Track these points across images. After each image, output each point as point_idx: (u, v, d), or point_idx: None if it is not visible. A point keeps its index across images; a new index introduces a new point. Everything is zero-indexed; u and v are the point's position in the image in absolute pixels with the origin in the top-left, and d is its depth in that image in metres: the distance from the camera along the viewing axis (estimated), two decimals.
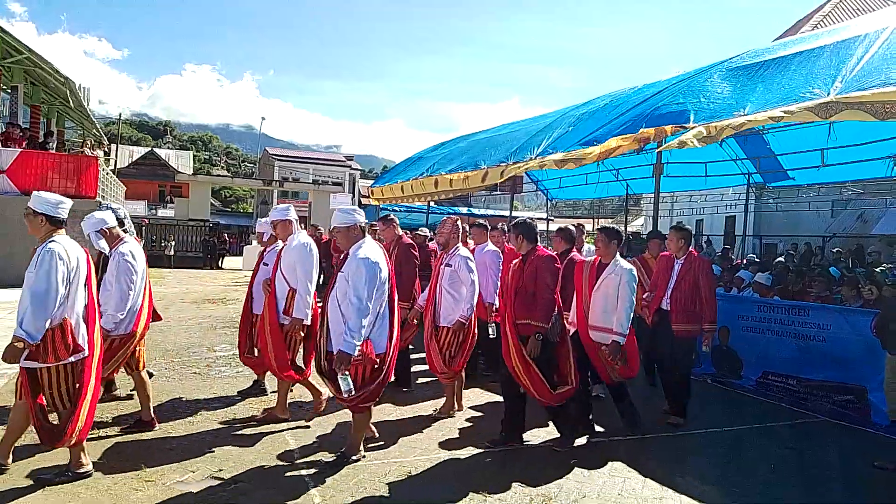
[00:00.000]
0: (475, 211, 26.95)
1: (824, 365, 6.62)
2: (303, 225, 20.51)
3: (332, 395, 4.61)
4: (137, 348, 5.04)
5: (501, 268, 6.59)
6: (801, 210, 18.92)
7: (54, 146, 17.65)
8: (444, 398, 5.88)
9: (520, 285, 4.93)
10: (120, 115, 51.34)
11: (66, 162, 16.20)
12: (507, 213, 20.69)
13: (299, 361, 5.52)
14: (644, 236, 10.83)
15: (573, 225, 6.75)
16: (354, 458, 4.52)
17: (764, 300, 7.63)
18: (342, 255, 4.50)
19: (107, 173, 19.71)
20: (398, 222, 6.77)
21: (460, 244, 5.79)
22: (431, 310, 5.74)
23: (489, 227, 6.91)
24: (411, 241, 6.51)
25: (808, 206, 18.77)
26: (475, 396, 6.41)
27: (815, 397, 6.62)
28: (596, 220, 30.90)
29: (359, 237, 4.44)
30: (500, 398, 5.43)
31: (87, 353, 3.97)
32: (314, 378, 5.12)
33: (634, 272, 5.25)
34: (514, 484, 4.29)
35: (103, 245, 4.92)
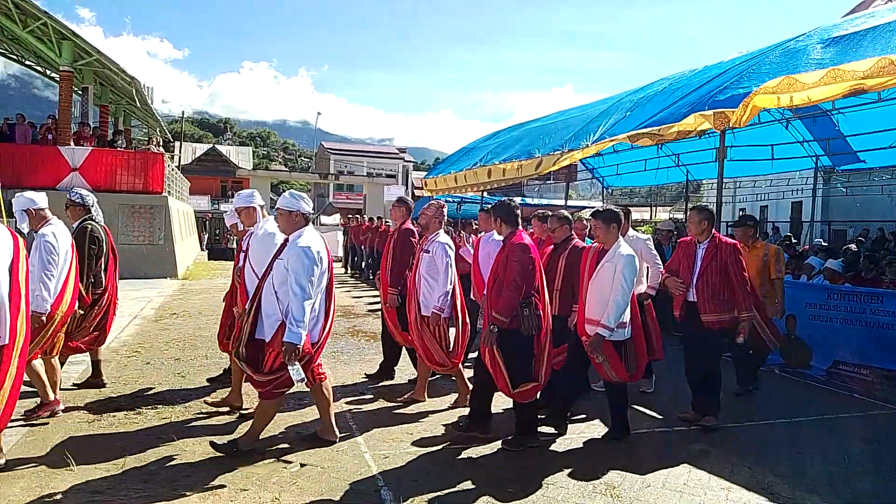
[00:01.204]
0: (528, 200, 26.74)
1: None
2: (357, 217, 20.56)
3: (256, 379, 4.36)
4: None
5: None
6: (873, 194, 18.02)
7: (122, 144, 18.39)
8: (459, 391, 5.70)
9: (497, 272, 4.69)
10: (183, 113, 53.01)
11: (133, 159, 16.89)
12: (561, 201, 20.46)
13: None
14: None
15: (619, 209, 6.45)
16: (247, 448, 4.39)
17: (835, 287, 7.34)
18: (282, 241, 4.48)
19: (172, 170, 20.42)
20: (412, 207, 6.42)
21: (441, 230, 5.63)
22: (414, 299, 5.57)
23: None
24: (411, 228, 6.18)
25: (880, 190, 17.86)
26: None
27: (891, 387, 6.34)
28: (653, 209, 30.25)
29: (300, 224, 4.39)
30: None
31: (6, 341, 3.72)
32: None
33: (635, 259, 4.82)
34: (577, 472, 4.28)
35: (25, 225, 4.80)
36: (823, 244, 12.88)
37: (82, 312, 5.39)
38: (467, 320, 5.71)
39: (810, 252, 10.95)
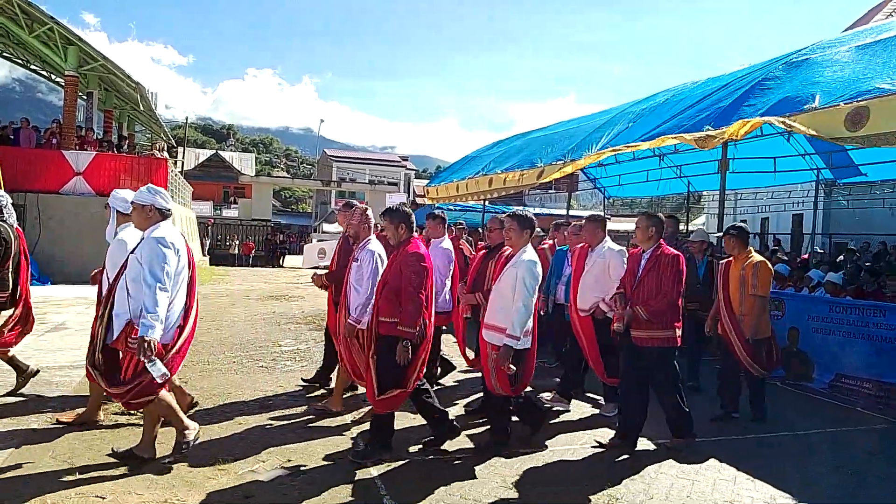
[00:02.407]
0: (530, 210, 26.75)
1: None
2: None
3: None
4: None
5: (453, 268, 6.20)
6: (875, 208, 18.05)
7: (126, 149, 18.44)
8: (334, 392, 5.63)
9: (387, 278, 4.59)
10: (186, 118, 53.42)
11: (137, 164, 16.94)
12: (562, 211, 20.47)
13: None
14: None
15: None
16: (146, 456, 4.24)
17: (838, 300, 7.35)
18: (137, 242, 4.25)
19: (175, 175, 20.47)
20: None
21: (372, 236, 5.27)
22: (344, 308, 5.21)
23: (446, 220, 6.48)
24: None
25: (881, 204, 17.89)
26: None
27: (894, 401, 6.33)
28: None
29: (154, 219, 4.22)
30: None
31: None
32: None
33: (537, 265, 4.56)
34: (579, 482, 4.27)
35: None
36: (819, 251, 12.85)
37: None
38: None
39: (811, 262, 10.96)
